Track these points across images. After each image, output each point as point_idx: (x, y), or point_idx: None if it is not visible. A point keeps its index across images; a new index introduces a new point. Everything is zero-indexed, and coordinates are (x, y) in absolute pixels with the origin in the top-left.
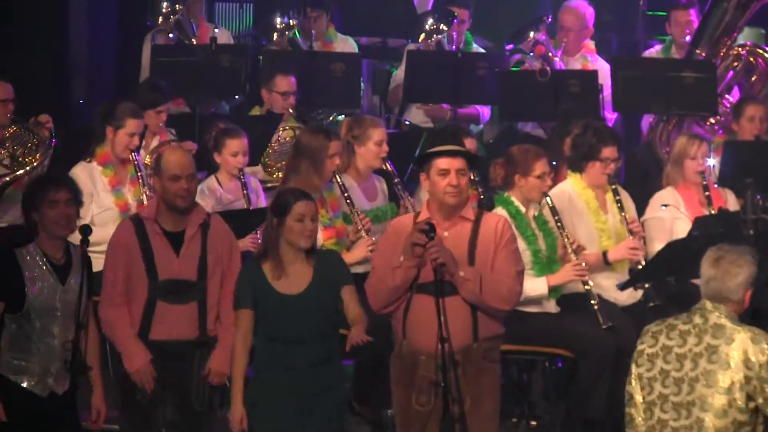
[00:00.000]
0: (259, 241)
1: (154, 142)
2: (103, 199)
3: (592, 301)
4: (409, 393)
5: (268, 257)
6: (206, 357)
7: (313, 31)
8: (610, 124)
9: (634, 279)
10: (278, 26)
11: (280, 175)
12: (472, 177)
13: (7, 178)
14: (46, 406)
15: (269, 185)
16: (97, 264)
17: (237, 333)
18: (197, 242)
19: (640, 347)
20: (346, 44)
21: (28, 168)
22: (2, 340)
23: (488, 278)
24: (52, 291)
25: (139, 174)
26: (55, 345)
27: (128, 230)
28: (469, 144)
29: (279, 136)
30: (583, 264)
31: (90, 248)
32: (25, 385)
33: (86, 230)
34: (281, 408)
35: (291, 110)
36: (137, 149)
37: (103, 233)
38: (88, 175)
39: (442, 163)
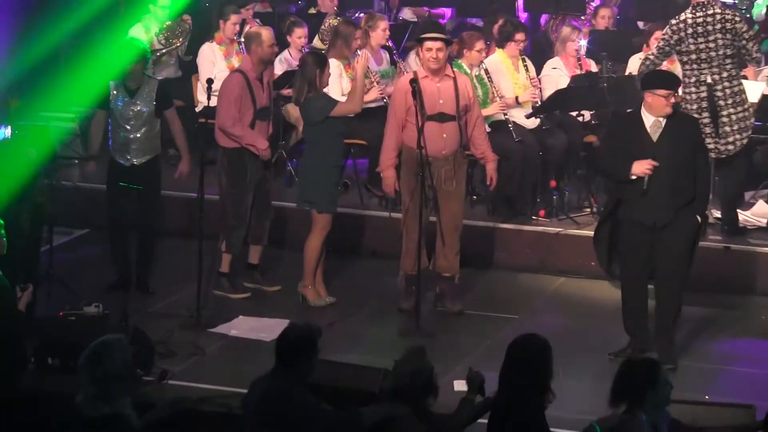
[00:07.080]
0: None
1: (247, 28)
2: (219, 64)
3: (509, 126)
4: (414, 177)
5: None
6: (275, 145)
7: None
8: (523, 20)
9: (535, 111)
10: None
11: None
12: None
13: (164, 51)
14: (132, 171)
15: (322, 50)
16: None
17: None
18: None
19: None
20: None
21: (173, 47)
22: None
23: (479, 133)
24: (126, 104)
25: (241, 48)
26: (130, 136)
27: (240, 80)
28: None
29: (329, 23)
30: (504, 103)
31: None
32: (117, 158)
33: (210, 81)
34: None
35: (335, 8)
36: (239, 33)
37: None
38: (211, 50)
39: (428, 44)
